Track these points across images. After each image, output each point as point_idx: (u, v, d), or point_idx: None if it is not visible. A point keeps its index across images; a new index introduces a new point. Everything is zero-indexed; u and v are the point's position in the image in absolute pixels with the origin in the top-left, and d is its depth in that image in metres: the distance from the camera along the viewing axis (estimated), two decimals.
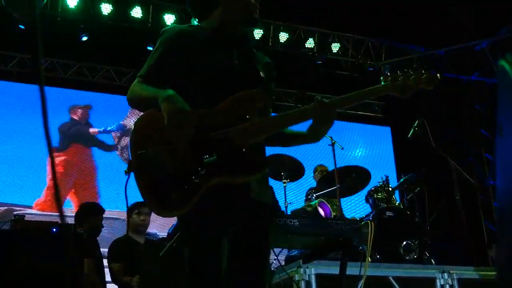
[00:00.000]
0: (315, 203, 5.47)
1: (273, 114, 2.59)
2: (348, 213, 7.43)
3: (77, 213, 5.69)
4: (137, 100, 2.42)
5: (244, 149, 2.24)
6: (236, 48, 2.50)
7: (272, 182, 6.63)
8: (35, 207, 8.53)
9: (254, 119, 2.29)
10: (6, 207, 8.31)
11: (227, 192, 2.24)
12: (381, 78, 2.40)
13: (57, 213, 8.05)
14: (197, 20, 2.66)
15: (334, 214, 5.48)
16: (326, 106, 2.31)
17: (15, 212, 8.08)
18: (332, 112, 2.33)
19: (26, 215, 7.61)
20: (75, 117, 9.41)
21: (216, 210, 2.24)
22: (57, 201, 1.14)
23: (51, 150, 1.12)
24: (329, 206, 5.48)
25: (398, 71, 2.37)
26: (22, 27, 7.81)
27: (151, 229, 8.83)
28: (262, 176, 2.41)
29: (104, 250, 5.88)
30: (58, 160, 8.86)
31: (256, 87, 2.40)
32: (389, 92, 2.37)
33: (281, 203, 6.40)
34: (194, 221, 2.24)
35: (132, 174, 2.27)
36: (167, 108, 2.19)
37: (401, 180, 6.32)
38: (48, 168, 8.60)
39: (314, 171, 7.37)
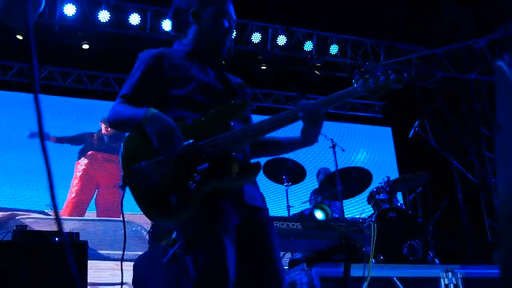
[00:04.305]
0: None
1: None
2: (351, 215, 7.43)
3: None
4: (118, 121, 2.43)
5: (234, 154, 2.32)
6: (210, 66, 2.62)
7: (273, 185, 6.63)
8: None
9: (238, 126, 2.40)
10: (9, 212, 8.34)
11: (221, 198, 2.28)
12: (353, 81, 2.57)
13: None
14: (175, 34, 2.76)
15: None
16: (310, 107, 2.40)
17: (17, 217, 8.12)
18: (319, 113, 2.41)
19: (28, 220, 7.69)
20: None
21: (213, 215, 2.25)
22: (55, 208, 1.14)
23: (46, 157, 1.11)
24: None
25: (367, 74, 2.52)
26: (20, 37, 7.83)
27: None
28: (253, 181, 2.50)
29: (108, 252, 5.86)
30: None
31: (234, 99, 2.51)
32: (361, 93, 2.53)
33: (283, 206, 6.41)
34: (193, 228, 2.24)
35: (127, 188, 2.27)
36: (154, 130, 2.22)
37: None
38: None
39: (317, 174, 7.39)
